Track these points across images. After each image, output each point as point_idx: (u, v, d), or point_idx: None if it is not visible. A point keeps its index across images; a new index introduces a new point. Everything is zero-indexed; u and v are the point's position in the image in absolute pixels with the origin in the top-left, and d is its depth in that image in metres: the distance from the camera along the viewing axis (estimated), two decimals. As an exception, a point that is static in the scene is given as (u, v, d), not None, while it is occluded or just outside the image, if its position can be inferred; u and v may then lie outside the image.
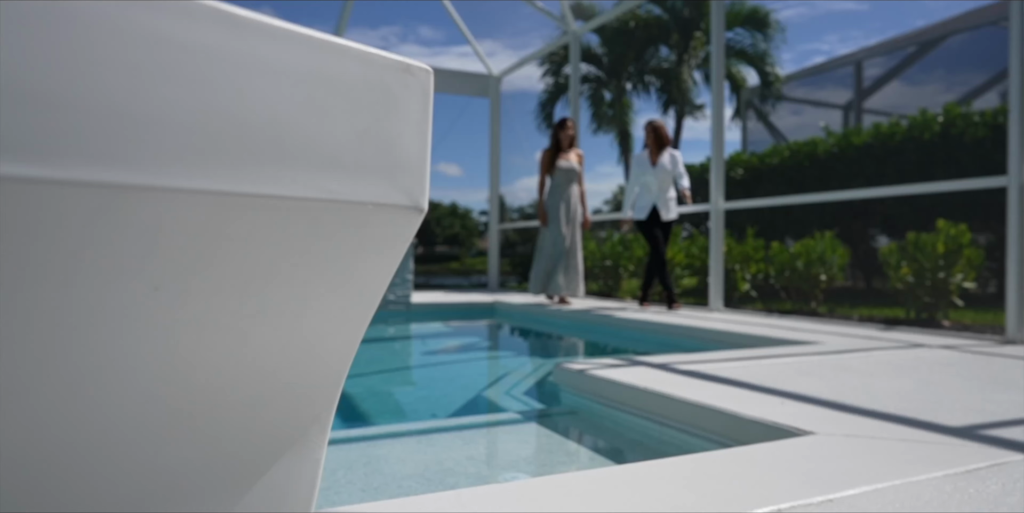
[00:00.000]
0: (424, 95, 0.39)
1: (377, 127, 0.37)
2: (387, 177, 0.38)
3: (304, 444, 0.44)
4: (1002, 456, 1.33)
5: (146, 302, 0.29)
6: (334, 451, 1.97)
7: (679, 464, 1.26)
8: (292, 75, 0.31)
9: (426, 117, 0.39)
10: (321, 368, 0.43)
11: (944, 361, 2.65)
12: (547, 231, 5.72)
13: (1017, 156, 3.20)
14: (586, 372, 2.35)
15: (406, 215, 0.40)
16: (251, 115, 0.30)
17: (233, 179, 0.29)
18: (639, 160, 5.31)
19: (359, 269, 0.40)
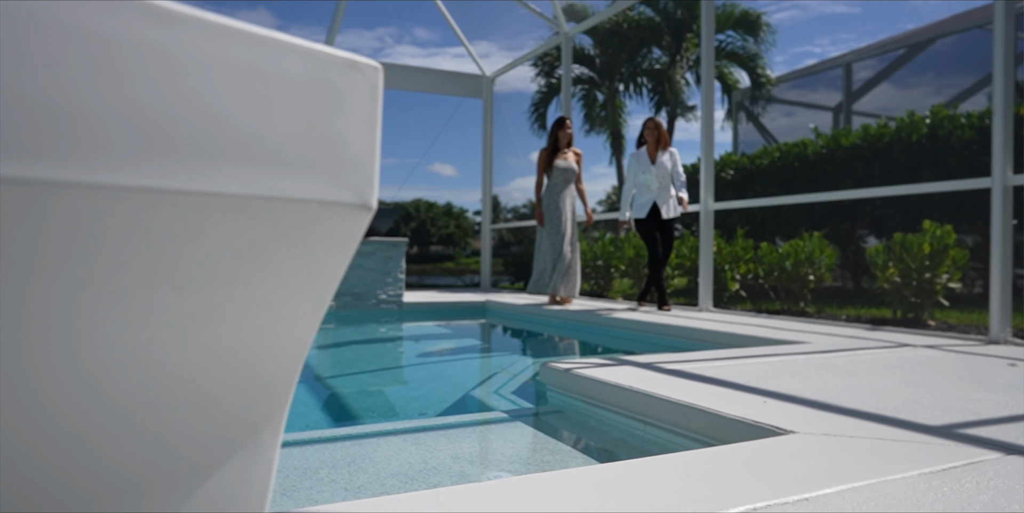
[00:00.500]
0: (372, 92, 0.39)
1: (321, 124, 0.37)
2: (332, 174, 0.37)
3: (256, 444, 0.44)
4: (978, 455, 1.34)
5: (75, 301, 0.28)
6: (318, 450, 1.97)
7: (658, 463, 1.27)
8: (228, 70, 0.31)
9: (375, 114, 0.39)
10: (271, 367, 0.42)
11: (927, 361, 2.66)
12: (544, 231, 5.64)
13: (1000, 158, 3.23)
14: (572, 371, 2.35)
15: (354, 213, 0.40)
16: (183, 110, 0.29)
17: (163, 175, 0.29)
18: (638, 158, 5.18)
19: (307, 267, 0.40)
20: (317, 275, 0.40)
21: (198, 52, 0.29)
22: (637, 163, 5.17)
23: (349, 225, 0.39)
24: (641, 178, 5.12)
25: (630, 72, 13.41)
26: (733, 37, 12.39)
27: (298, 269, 0.38)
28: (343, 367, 3.88)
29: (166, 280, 0.31)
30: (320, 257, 0.39)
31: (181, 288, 0.32)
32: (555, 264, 5.57)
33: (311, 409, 2.74)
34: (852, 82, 10.61)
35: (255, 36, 0.32)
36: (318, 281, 0.40)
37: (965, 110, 6.38)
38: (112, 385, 0.32)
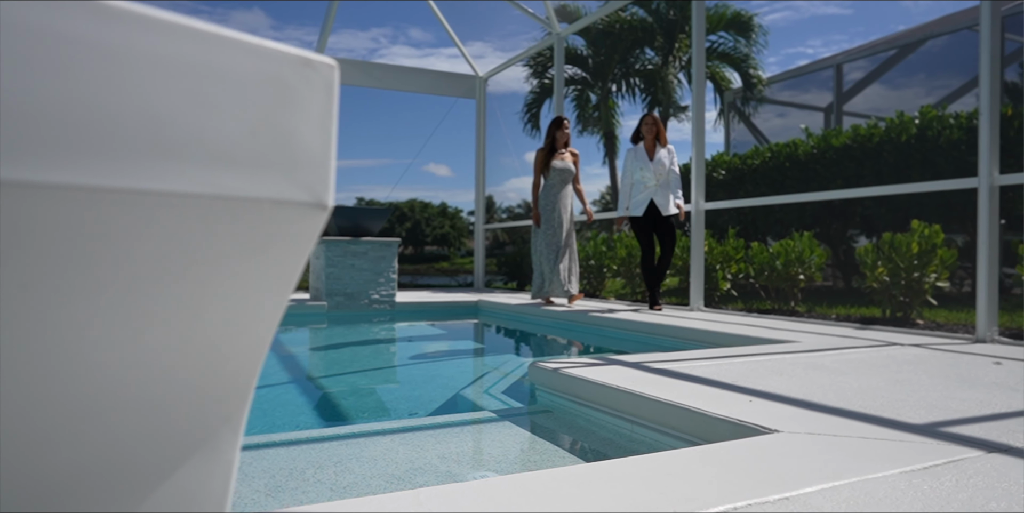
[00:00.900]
0: (327, 89, 0.39)
1: (274, 122, 0.36)
2: (286, 173, 0.37)
3: (214, 446, 0.43)
4: (959, 453, 1.34)
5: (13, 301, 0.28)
6: (305, 450, 1.96)
7: (640, 463, 1.27)
8: (173, 67, 0.31)
9: (330, 112, 0.39)
10: (228, 368, 0.42)
11: (914, 360, 2.68)
12: (541, 233, 5.55)
13: (987, 158, 3.25)
14: (560, 371, 2.35)
15: (308, 212, 0.39)
16: (122, 107, 0.29)
17: (104, 173, 0.29)
18: (636, 154, 5.06)
19: (262, 267, 0.40)
20: (273, 275, 0.40)
21: (139, 48, 0.29)
22: (635, 159, 5.06)
23: (304, 224, 0.39)
24: (638, 175, 5.02)
25: (623, 73, 13.44)
26: (725, 38, 12.44)
27: (253, 268, 0.38)
28: (334, 367, 3.87)
29: (113, 280, 0.31)
30: (275, 256, 0.39)
31: (130, 288, 0.32)
32: (552, 266, 5.49)
33: (301, 409, 2.73)
34: (843, 83, 10.66)
35: (202, 33, 0.32)
36: (274, 281, 0.40)
37: (954, 110, 6.42)
38: (57, 386, 0.32)
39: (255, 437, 2.11)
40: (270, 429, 2.31)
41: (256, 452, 1.94)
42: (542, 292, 5.56)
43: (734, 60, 12.36)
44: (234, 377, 0.42)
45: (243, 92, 0.34)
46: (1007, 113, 5.85)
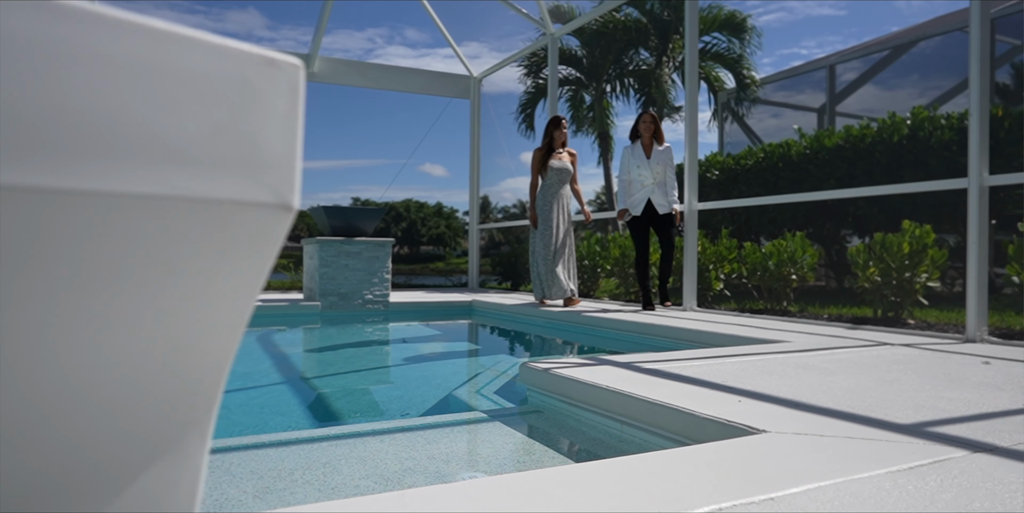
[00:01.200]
0: (292, 89, 0.39)
1: (235, 122, 0.36)
2: (248, 174, 0.37)
3: (181, 450, 0.43)
4: (945, 453, 1.35)
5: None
6: (295, 452, 1.95)
7: (627, 464, 1.27)
8: (128, 66, 0.31)
9: (295, 112, 0.39)
10: (193, 372, 0.42)
11: (904, 359, 2.69)
12: (538, 234, 5.46)
13: (976, 159, 3.26)
14: (550, 371, 2.35)
15: (273, 213, 0.39)
16: (75, 107, 0.29)
17: (55, 173, 0.28)
18: (634, 152, 5.00)
19: (225, 269, 0.39)
20: (238, 277, 0.39)
21: (93, 47, 0.28)
22: (632, 157, 5.00)
23: (269, 226, 0.39)
24: (635, 173, 4.96)
25: (617, 73, 13.45)
26: (719, 39, 12.46)
27: (216, 271, 0.38)
28: (326, 367, 3.86)
29: (67, 282, 0.31)
30: (239, 259, 0.39)
31: (86, 290, 0.32)
32: (550, 269, 5.41)
33: (293, 409, 2.72)
34: (836, 84, 10.69)
35: (159, 32, 0.31)
36: (239, 283, 0.40)
37: (947, 111, 6.45)
38: (14, 389, 0.32)
39: (244, 438, 2.10)
40: (262, 429, 2.31)
41: (245, 453, 1.94)
42: (541, 295, 5.51)
43: (728, 61, 12.39)
44: (200, 380, 0.42)
45: (203, 91, 0.34)
46: (998, 114, 5.88)
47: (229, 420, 2.45)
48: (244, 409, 2.67)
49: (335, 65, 8.26)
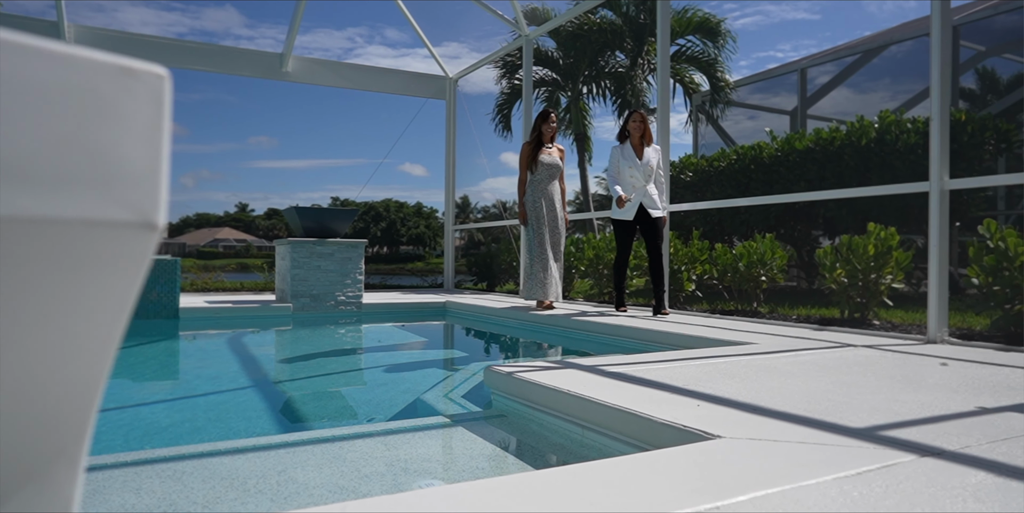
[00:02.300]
0: (154, 100, 0.37)
1: (84, 135, 0.34)
2: (101, 190, 0.35)
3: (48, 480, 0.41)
4: (894, 457, 1.36)
5: None
6: (250, 459, 1.92)
7: (577, 472, 1.26)
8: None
9: (158, 124, 0.37)
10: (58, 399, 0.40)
11: (865, 361, 2.72)
12: (530, 232, 5.27)
13: (937, 163, 3.32)
14: (514, 375, 2.34)
15: (134, 232, 0.37)
16: None
17: None
18: (624, 153, 4.81)
19: (84, 293, 0.37)
20: (98, 301, 0.37)
21: None
22: (623, 157, 4.81)
23: (130, 246, 0.36)
24: (625, 174, 4.78)
25: (593, 75, 13.50)
26: (693, 42, 12.57)
27: (72, 295, 0.36)
28: (295, 371, 3.81)
29: None
30: (99, 282, 0.37)
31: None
32: (546, 267, 5.22)
33: (259, 414, 2.68)
34: (807, 87, 10.84)
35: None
36: (101, 307, 0.38)
37: (914, 115, 6.56)
38: None
39: (199, 445, 2.06)
40: (226, 435, 2.26)
41: (199, 461, 1.90)
42: (534, 295, 5.26)
43: (702, 64, 12.50)
44: (66, 408, 0.40)
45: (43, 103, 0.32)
46: (961, 119, 6.00)
47: (194, 426, 2.41)
48: (210, 414, 2.62)
49: (309, 65, 8.17)
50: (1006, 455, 1.39)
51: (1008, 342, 3.28)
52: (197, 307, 5.72)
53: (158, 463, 1.86)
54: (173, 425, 2.44)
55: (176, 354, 4.55)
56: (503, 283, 8.96)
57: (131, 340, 4.73)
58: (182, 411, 2.71)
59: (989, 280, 3.47)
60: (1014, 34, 8.30)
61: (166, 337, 5.02)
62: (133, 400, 2.94)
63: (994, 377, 2.36)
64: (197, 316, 5.65)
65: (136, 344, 4.63)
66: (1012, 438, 1.52)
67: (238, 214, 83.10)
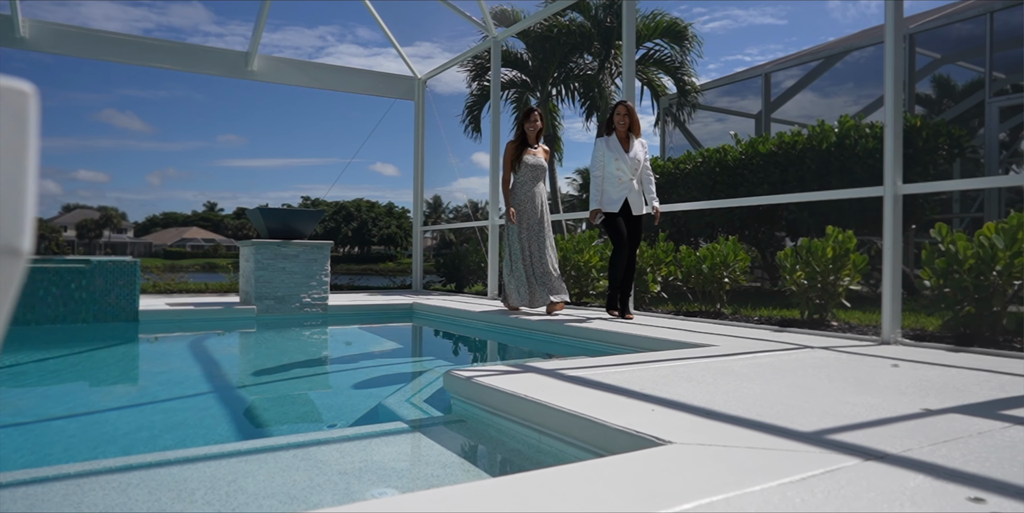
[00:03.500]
0: (16, 117, 0.35)
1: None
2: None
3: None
4: (838, 462, 1.38)
5: None
6: (199, 469, 1.88)
7: (525, 481, 1.25)
8: None
9: (21, 142, 0.35)
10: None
11: (820, 363, 2.77)
12: (513, 234, 5.08)
13: (891, 169, 3.39)
14: (473, 380, 2.33)
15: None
16: None
17: None
18: (609, 145, 4.58)
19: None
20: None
21: None
22: (608, 150, 4.57)
23: (-10, 273, 0.35)
24: (612, 167, 4.56)
25: (562, 76, 13.55)
26: (661, 45, 12.71)
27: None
28: (256, 375, 3.74)
29: None
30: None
31: None
32: (534, 271, 5.02)
33: (218, 420, 2.62)
34: (771, 91, 11.03)
35: None
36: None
37: (875, 120, 6.71)
38: None
39: (146, 455, 2.01)
40: (182, 443, 2.21)
41: (146, 472, 1.85)
42: (519, 301, 5.08)
43: (669, 68, 12.64)
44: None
45: None
46: (916, 124, 6.15)
47: (150, 434, 2.35)
48: (167, 422, 2.56)
49: (276, 64, 8.05)
50: (945, 457, 1.42)
51: (958, 343, 3.37)
52: (158, 309, 5.60)
53: (103, 474, 1.81)
54: (127, 433, 2.38)
55: (134, 358, 4.44)
56: (472, 284, 8.94)
57: (87, 344, 4.61)
58: (137, 418, 2.64)
59: (940, 282, 3.56)
60: (968, 43, 8.55)
61: (124, 341, 4.90)
62: (85, 407, 2.86)
63: (941, 378, 2.42)
64: (157, 319, 5.53)
65: (92, 348, 4.51)
66: (952, 440, 1.56)
67: (206, 213, 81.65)
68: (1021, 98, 7.90)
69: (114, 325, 5.28)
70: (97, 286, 5.29)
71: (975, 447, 1.51)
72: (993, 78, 8.08)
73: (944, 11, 9.22)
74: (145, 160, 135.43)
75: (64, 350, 4.40)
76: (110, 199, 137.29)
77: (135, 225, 78.73)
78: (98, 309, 5.28)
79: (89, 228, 64.39)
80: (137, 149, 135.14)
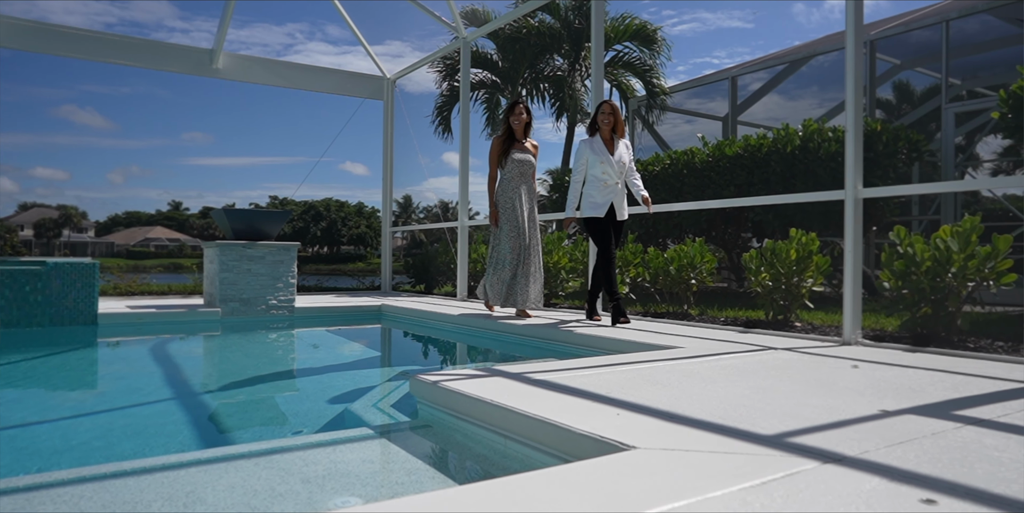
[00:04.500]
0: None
1: None
2: None
3: None
4: (797, 465, 1.40)
5: None
6: (157, 480, 1.83)
7: (488, 490, 1.25)
8: None
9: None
10: None
11: (782, 365, 2.81)
12: (501, 233, 4.90)
13: (852, 173, 3.47)
14: (439, 384, 2.31)
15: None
16: None
17: None
18: (593, 147, 4.39)
19: None
20: None
21: None
22: (592, 152, 4.38)
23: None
24: (597, 170, 4.36)
25: (532, 77, 13.58)
26: (630, 48, 12.83)
27: None
28: (220, 380, 3.67)
29: None
30: None
31: None
32: (516, 272, 4.86)
33: (179, 428, 2.56)
34: (738, 94, 11.20)
35: None
36: None
37: (837, 124, 6.86)
38: None
39: (102, 466, 1.95)
40: (142, 453, 2.15)
41: (101, 484, 1.80)
42: (502, 301, 4.91)
43: (638, 70, 12.77)
44: None
45: None
46: (877, 128, 6.30)
47: (107, 442, 2.28)
48: (125, 430, 2.49)
49: (242, 62, 7.91)
50: (900, 459, 1.45)
51: (915, 343, 3.46)
52: (118, 312, 5.46)
53: (55, 487, 1.75)
54: (82, 443, 2.30)
55: (92, 364, 4.32)
56: (441, 285, 8.90)
57: (42, 349, 4.47)
58: (94, 427, 2.56)
59: (899, 284, 3.65)
60: (926, 49, 8.79)
61: (82, 345, 4.77)
62: (38, 416, 2.77)
63: (898, 379, 2.48)
64: (118, 322, 5.39)
65: (47, 353, 4.38)
66: (907, 441, 1.60)
67: (171, 213, 79.88)
68: (976, 104, 8.15)
69: (71, 329, 5.13)
70: (53, 288, 5.13)
71: (928, 448, 1.55)
72: (949, 84, 8.32)
73: (903, 18, 9.47)
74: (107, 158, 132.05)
75: (17, 355, 4.26)
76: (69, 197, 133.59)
77: (96, 224, 76.66)
78: (54, 312, 5.13)
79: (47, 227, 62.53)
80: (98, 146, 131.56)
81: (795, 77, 10.70)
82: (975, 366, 2.81)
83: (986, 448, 1.56)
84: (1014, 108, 4.76)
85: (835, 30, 13.54)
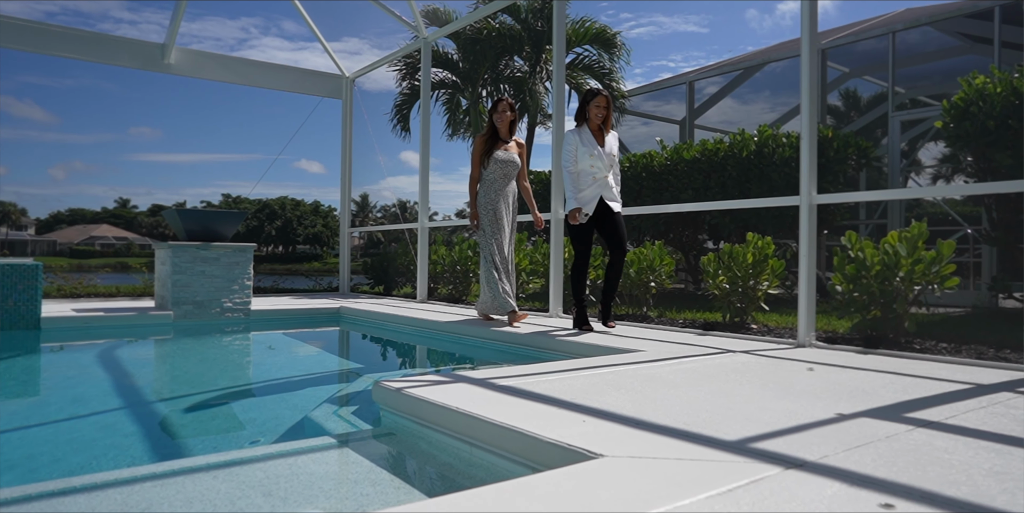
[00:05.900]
0: None
1: None
2: None
3: None
4: (761, 471, 1.43)
5: None
6: (110, 496, 1.76)
7: (455, 502, 1.24)
8: None
9: None
10: None
11: (741, 368, 2.87)
12: (489, 238, 4.69)
13: (807, 180, 3.57)
14: (403, 391, 2.29)
15: None
16: None
17: None
18: (583, 138, 4.21)
19: None
20: None
21: None
22: (582, 143, 4.19)
23: None
24: (586, 163, 4.19)
25: (493, 78, 13.57)
26: (590, 51, 12.96)
27: None
28: (173, 388, 3.55)
29: None
30: None
31: None
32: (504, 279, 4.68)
33: (130, 440, 2.47)
34: (695, 98, 11.42)
35: None
36: None
37: (790, 130, 7.05)
38: None
39: (49, 483, 1.87)
40: (89, 465, 2.07)
41: (49, 502, 1.72)
42: (494, 309, 4.72)
43: (597, 73, 12.90)
44: None
45: None
46: (827, 135, 6.50)
47: (52, 457, 2.18)
48: (72, 443, 2.38)
49: (195, 57, 7.69)
50: (858, 463, 1.50)
51: (866, 345, 3.58)
52: (63, 316, 5.24)
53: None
54: (26, 458, 2.20)
55: (35, 371, 4.13)
56: (400, 287, 8.82)
57: (-20, 356, 4.26)
58: (39, 440, 2.45)
59: (850, 287, 3.77)
60: (874, 58, 9.11)
61: (23, 352, 4.56)
62: (-24, 428, 2.63)
63: (852, 381, 2.56)
64: (63, 326, 5.18)
65: (-14, 361, 4.17)
66: (864, 445, 1.65)
67: (118, 210, 77.10)
68: (920, 113, 8.48)
69: (12, 334, 4.91)
70: (-7, 292, 4.90)
71: (884, 451, 1.60)
72: (895, 92, 8.65)
73: (853, 28, 9.79)
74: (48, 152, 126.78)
75: (-46, 363, 4.05)
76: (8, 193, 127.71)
77: (37, 221, 73.48)
78: (-6, 317, 4.90)
79: (-16, 225, 59.64)
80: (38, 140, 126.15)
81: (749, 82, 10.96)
82: (922, 368, 2.92)
83: (936, 450, 1.62)
84: (956, 118, 4.97)
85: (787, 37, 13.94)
